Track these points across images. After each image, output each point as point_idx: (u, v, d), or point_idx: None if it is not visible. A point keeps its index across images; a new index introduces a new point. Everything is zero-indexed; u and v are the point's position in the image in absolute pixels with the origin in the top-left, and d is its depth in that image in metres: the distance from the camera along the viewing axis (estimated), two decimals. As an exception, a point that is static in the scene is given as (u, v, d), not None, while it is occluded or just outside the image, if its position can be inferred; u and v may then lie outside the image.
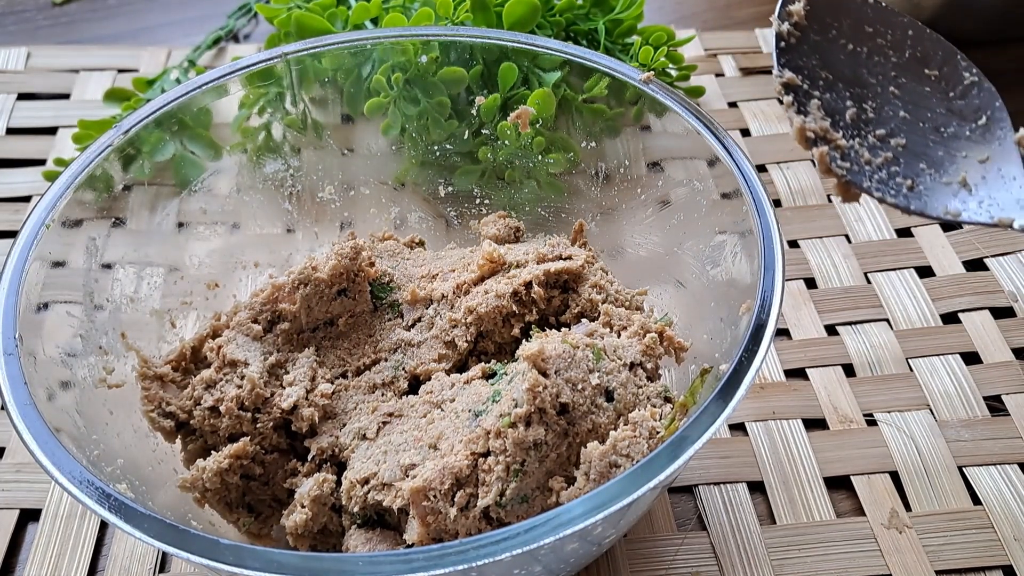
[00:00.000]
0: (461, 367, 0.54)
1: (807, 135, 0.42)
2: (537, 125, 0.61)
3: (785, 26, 0.44)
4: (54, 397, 0.45)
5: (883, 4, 0.45)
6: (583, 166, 0.63)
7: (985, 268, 0.70)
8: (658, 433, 0.46)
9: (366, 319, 0.56)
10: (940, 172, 0.42)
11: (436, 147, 0.65)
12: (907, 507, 0.57)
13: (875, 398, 0.63)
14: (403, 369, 0.54)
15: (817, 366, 0.65)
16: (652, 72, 0.57)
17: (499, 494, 0.44)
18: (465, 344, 0.54)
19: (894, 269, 0.71)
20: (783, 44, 0.43)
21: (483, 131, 0.64)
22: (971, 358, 0.65)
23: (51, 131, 0.83)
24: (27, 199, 0.77)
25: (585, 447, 0.46)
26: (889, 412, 0.62)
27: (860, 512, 0.57)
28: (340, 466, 0.51)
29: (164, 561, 0.55)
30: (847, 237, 0.73)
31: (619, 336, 0.52)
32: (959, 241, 0.72)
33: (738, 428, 0.62)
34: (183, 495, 0.50)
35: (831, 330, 0.67)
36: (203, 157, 0.61)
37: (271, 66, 0.59)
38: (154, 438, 0.52)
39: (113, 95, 0.81)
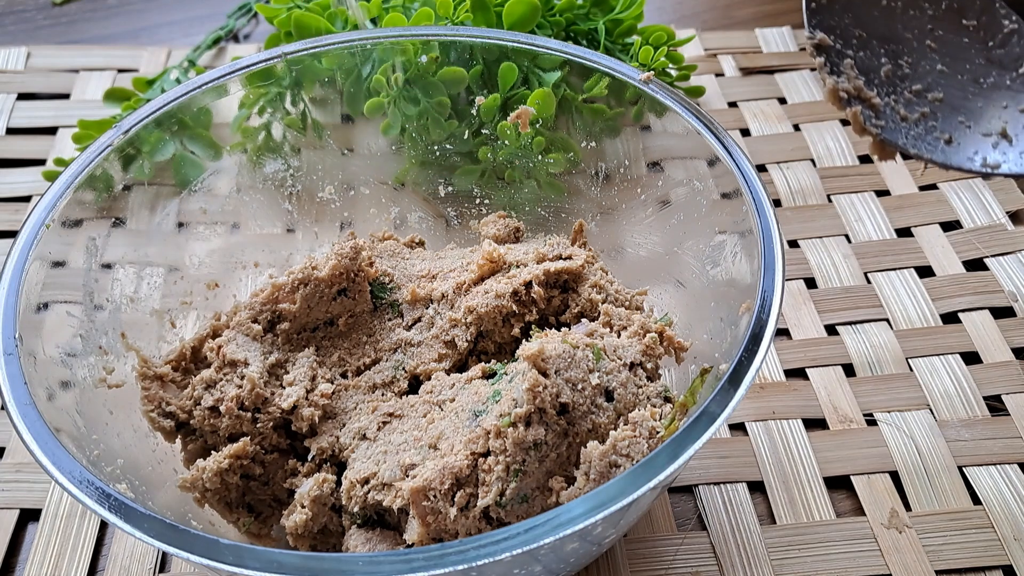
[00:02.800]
0: (461, 367, 0.54)
1: (840, 95, 0.41)
2: (537, 125, 0.61)
3: None
4: (54, 397, 0.45)
5: None
6: (583, 166, 0.63)
7: (985, 268, 0.70)
8: (658, 433, 0.46)
9: (366, 319, 0.56)
10: (979, 124, 0.41)
11: (436, 147, 0.65)
12: (907, 507, 0.57)
13: (875, 398, 0.63)
14: (403, 369, 0.54)
15: (817, 366, 0.65)
16: (652, 72, 0.57)
17: (499, 494, 0.44)
18: (465, 344, 0.54)
19: (894, 269, 0.71)
20: (814, 5, 0.43)
21: (483, 131, 0.64)
22: (971, 358, 0.65)
23: (51, 131, 0.83)
24: (27, 199, 0.77)
25: (585, 447, 0.46)
26: (889, 412, 0.62)
27: (860, 512, 0.57)
28: (340, 466, 0.51)
29: (164, 561, 0.55)
30: (847, 237, 0.73)
31: (619, 336, 0.52)
32: (959, 241, 0.72)
33: (738, 428, 0.62)
34: (183, 495, 0.50)
35: (831, 330, 0.67)
36: (203, 157, 0.61)
37: (271, 66, 0.59)
38: (154, 438, 0.52)
39: (113, 95, 0.81)
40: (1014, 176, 0.41)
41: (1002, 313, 0.67)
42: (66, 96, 0.87)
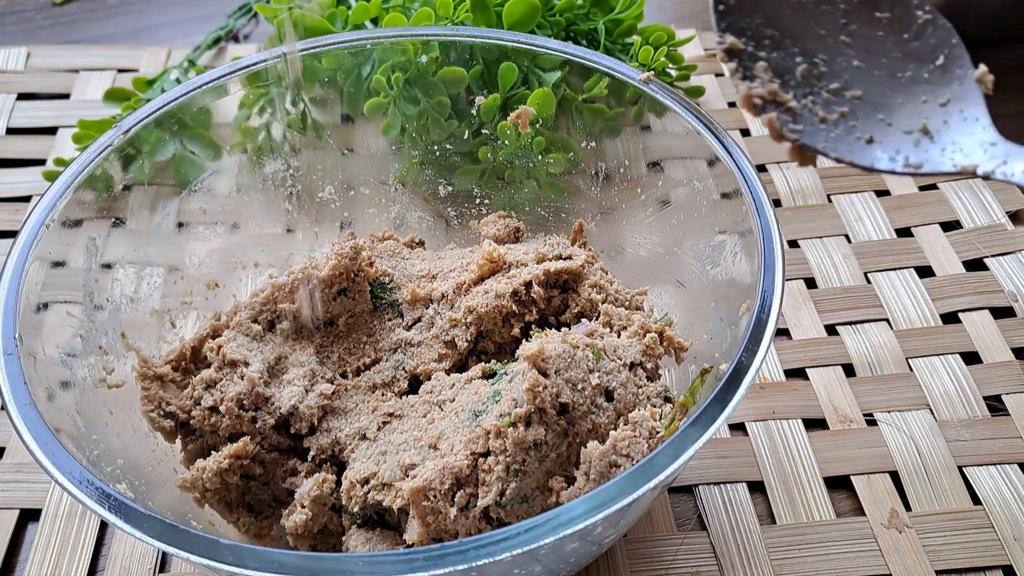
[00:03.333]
0: (461, 367, 0.54)
1: (754, 101, 0.39)
2: (537, 125, 0.61)
3: None
4: (54, 397, 0.45)
5: None
6: (583, 166, 0.63)
7: (985, 268, 0.70)
8: (658, 433, 0.46)
9: (366, 319, 0.56)
10: (900, 121, 0.40)
11: (436, 147, 0.65)
12: (907, 507, 0.57)
13: (875, 398, 0.63)
14: (403, 369, 0.54)
15: (817, 366, 0.65)
16: (652, 72, 0.57)
17: (499, 494, 0.44)
18: (465, 344, 0.54)
19: (894, 269, 0.71)
20: (722, 7, 0.40)
21: (483, 131, 0.64)
22: (971, 358, 0.65)
23: (51, 131, 0.83)
24: (27, 199, 0.77)
25: (585, 447, 0.46)
26: (889, 412, 0.62)
27: (860, 512, 0.57)
28: (340, 466, 0.51)
29: (164, 561, 0.55)
30: (847, 237, 0.73)
31: (619, 336, 0.52)
32: (959, 241, 0.72)
33: (738, 428, 0.62)
34: (183, 495, 0.50)
35: (831, 330, 0.67)
36: (203, 157, 0.61)
37: (271, 66, 0.59)
38: (154, 438, 0.52)
39: (113, 95, 0.80)
40: (937, 174, 0.39)
41: (1002, 313, 0.67)
42: (66, 96, 0.87)
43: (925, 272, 0.71)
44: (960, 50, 0.41)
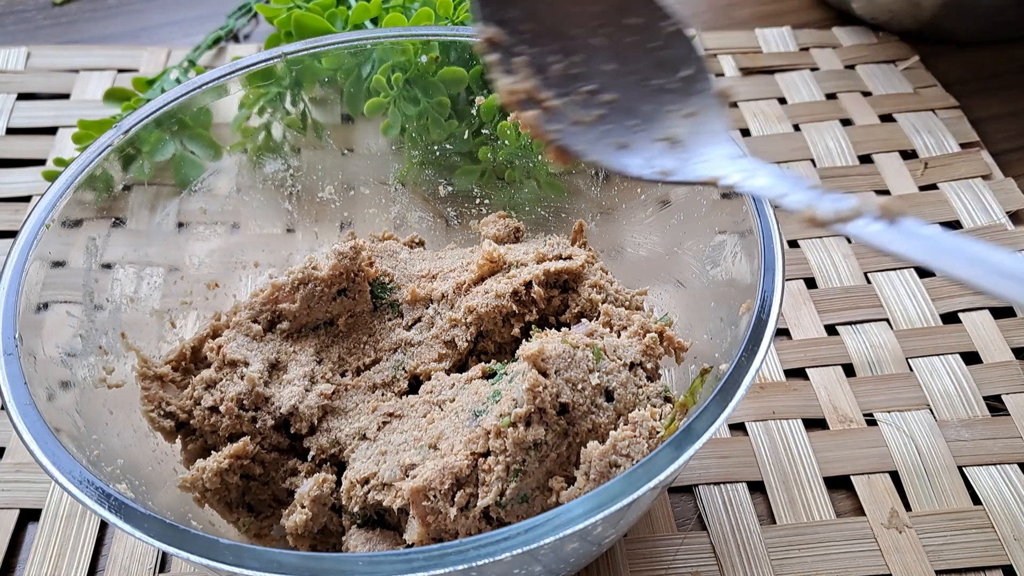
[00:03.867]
0: (461, 367, 0.54)
1: (516, 97, 0.38)
2: (537, 125, 0.61)
3: None
4: (54, 397, 0.45)
5: None
6: (583, 166, 0.63)
7: (985, 268, 0.70)
8: (658, 433, 0.46)
9: (366, 319, 0.56)
10: (652, 129, 0.39)
11: (436, 147, 0.65)
12: (907, 507, 0.57)
13: (875, 398, 0.63)
14: (403, 369, 0.54)
15: (817, 366, 0.65)
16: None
17: (499, 494, 0.44)
18: (465, 344, 0.54)
19: (894, 269, 0.71)
20: None
21: (483, 131, 0.64)
22: (971, 358, 0.65)
23: (51, 131, 0.83)
24: (27, 199, 0.77)
25: (585, 447, 0.46)
26: (889, 412, 0.62)
27: (860, 512, 0.57)
28: (340, 466, 0.51)
29: (164, 561, 0.55)
30: (847, 237, 0.73)
31: (619, 336, 0.52)
32: (959, 241, 0.72)
33: (738, 428, 0.62)
34: (183, 495, 0.50)
35: (831, 330, 0.67)
36: (203, 157, 0.61)
37: (271, 66, 0.59)
38: (154, 438, 0.52)
39: (113, 95, 0.80)
40: (683, 183, 0.39)
41: (1002, 313, 0.67)
42: (66, 96, 0.87)
43: (925, 272, 0.71)
44: (702, 64, 0.40)
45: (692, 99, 0.39)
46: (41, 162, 0.80)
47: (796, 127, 0.83)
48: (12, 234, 0.74)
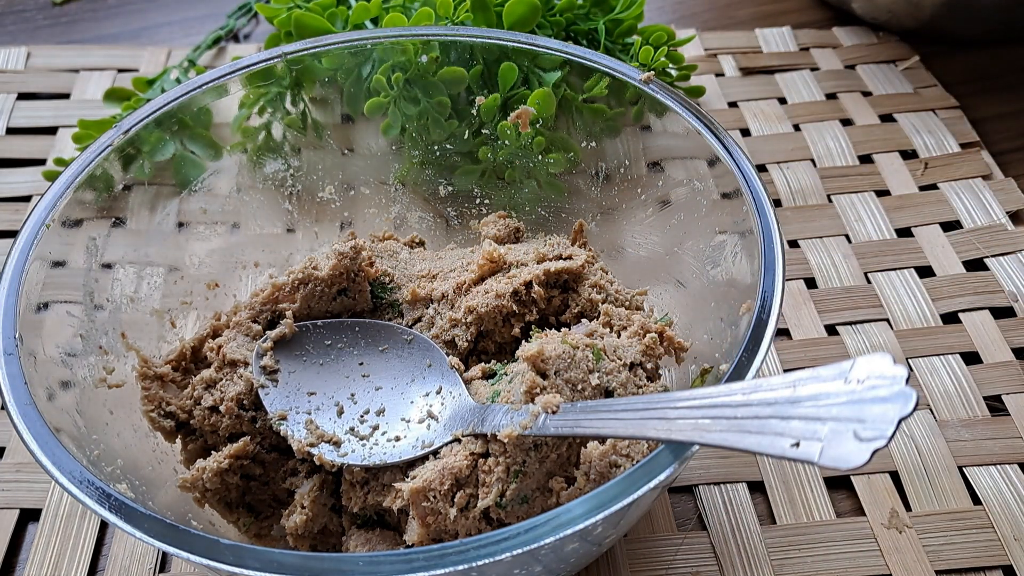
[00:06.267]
0: (461, 367, 0.54)
1: (305, 449, 0.48)
2: (537, 125, 0.61)
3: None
4: (54, 397, 0.45)
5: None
6: (583, 166, 0.63)
7: (985, 268, 0.70)
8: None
9: (366, 319, 0.56)
10: (414, 416, 0.49)
11: (436, 147, 0.65)
12: (907, 507, 0.57)
13: (875, 398, 0.63)
14: (403, 369, 0.54)
15: (817, 366, 0.65)
16: (652, 72, 0.57)
17: (499, 495, 0.44)
18: (465, 344, 0.54)
19: (894, 269, 0.71)
20: (266, 390, 0.51)
21: (483, 131, 0.64)
22: (971, 358, 0.65)
23: (51, 131, 0.83)
24: (27, 199, 0.77)
25: (585, 447, 0.46)
26: (889, 412, 0.62)
27: (860, 512, 0.57)
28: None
29: (164, 561, 0.55)
30: (847, 237, 0.73)
31: (619, 336, 0.52)
32: (959, 241, 0.72)
33: (738, 428, 0.61)
34: (183, 495, 0.50)
35: (831, 330, 0.67)
36: (203, 157, 0.61)
37: (271, 66, 0.59)
38: (154, 438, 0.52)
39: (113, 95, 0.80)
40: (442, 446, 0.47)
41: (1002, 313, 0.67)
42: (66, 96, 0.87)
43: (925, 272, 0.71)
44: (438, 352, 0.52)
45: (433, 379, 0.51)
46: (41, 162, 0.80)
47: (796, 127, 0.83)
48: (12, 234, 0.74)
